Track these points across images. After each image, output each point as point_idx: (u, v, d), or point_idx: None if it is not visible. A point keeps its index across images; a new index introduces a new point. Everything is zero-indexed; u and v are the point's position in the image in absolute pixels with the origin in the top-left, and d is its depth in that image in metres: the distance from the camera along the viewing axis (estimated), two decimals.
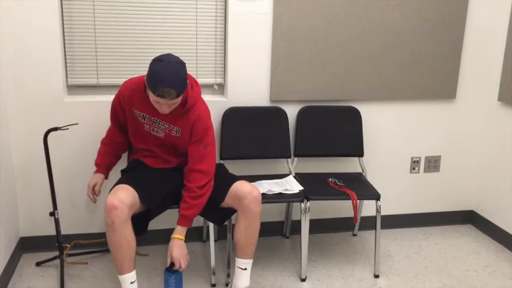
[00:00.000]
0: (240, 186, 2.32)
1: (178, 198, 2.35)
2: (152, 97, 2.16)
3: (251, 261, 2.39)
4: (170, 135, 2.35)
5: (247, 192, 2.29)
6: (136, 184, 2.26)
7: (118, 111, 2.41)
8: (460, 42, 3.06)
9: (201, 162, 2.32)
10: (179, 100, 2.18)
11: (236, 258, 2.40)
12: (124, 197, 2.16)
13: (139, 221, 2.32)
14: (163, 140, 2.37)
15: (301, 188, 2.65)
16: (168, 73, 2.07)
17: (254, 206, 2.29)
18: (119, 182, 2.32)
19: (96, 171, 2.51)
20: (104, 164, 2.51)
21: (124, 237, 2.17)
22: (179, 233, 2.31)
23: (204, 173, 2.32)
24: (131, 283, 2.25)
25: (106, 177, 2.53)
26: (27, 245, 2.82)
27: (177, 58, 2.15)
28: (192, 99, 2.28)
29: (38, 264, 2.71)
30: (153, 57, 2.16)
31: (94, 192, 2.45)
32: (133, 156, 2.52)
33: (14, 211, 2.73)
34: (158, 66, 2.09)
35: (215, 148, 2.40)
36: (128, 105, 2.34)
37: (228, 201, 2.35)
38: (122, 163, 2.59)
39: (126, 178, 2.35)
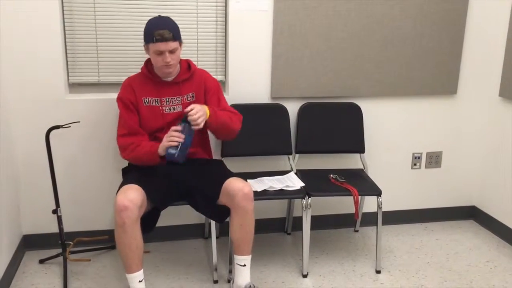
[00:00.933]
0: (232, 184, 2.30)
1: (181, 194, 2.36)
2: (153, 51, 2.27)
3: (249, 257, 2.39)
4: (187, 103, 2.39)
5: (237, 190, 2.27)
6: (143, 183, 2.26)
7: (132, 108, 2.39)
8: (461, 38, 3.05)
9: (227, 107, 2.48)
10: (177, 48, 2.30)
11: (234, 256, 2.39)
12: (135, 197, 2.15)
13: (146, 220, 2.31)
14: (181, 115, 2.38)
15: (303, 184, 2.65)
16: (159, 21, 2.31)
17: (246, 203, 2.27)
18: (126, 181, 2.30)
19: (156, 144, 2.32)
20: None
21: (134, 237, 2.17)
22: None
23: (234, 112, 2.45)
24: (139, 281, 2.26)
25: None
26: (30, 242, 2.84)
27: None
28: (193, 64, 2.47)
29: (41, 261, 2.73)
30: None
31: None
32: None
33: (17, 209, 2.75)
34: (149, 20, 2.34)
35: None
36: (139, 97, 2.38)
37: (222, 199, 2.35)
38: (123, 162, 2.58)
39: (133, 177, 2.34)
